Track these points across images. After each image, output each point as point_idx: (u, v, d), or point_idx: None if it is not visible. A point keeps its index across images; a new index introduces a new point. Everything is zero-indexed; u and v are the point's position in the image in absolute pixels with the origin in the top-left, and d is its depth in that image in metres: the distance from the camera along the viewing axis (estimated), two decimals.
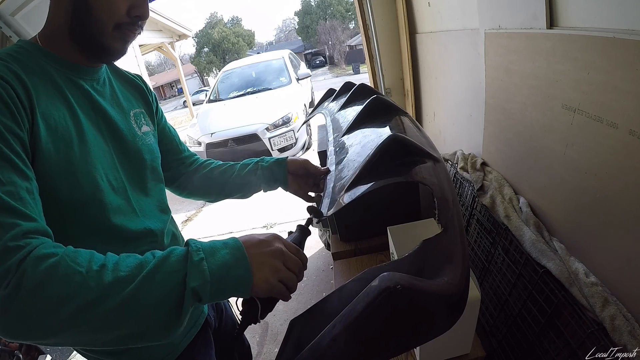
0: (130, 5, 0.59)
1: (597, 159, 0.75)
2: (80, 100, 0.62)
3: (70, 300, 0.39)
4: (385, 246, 1.16)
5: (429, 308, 0.43)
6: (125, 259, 0.45)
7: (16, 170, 0.46)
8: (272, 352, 1.86)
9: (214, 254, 0.47)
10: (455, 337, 0.76)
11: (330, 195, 0.71)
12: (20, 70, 0.53)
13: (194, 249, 0.47)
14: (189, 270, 0.44)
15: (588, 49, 0.72)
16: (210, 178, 0.88)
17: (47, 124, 0.53)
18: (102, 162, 0.61)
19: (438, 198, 0.55)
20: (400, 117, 0.84)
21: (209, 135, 4.60)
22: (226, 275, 0.46)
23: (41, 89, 0.55)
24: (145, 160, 0.70)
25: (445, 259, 0.47)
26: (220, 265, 0.47)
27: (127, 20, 0.60)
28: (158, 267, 0.44)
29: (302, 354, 0.44)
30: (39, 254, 0.40)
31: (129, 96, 0.74)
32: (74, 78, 0.62)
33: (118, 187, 0.63)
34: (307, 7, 32.43)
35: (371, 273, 0.56)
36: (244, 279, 0.48)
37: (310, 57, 29.89)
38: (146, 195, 0.70)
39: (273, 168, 0.85)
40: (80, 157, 0.57)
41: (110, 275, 0.41)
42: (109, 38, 0.60)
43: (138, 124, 0.72)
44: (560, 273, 0.81)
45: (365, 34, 2.11)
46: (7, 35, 1.47)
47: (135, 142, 0.69)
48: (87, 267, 0.41)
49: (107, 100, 0.67)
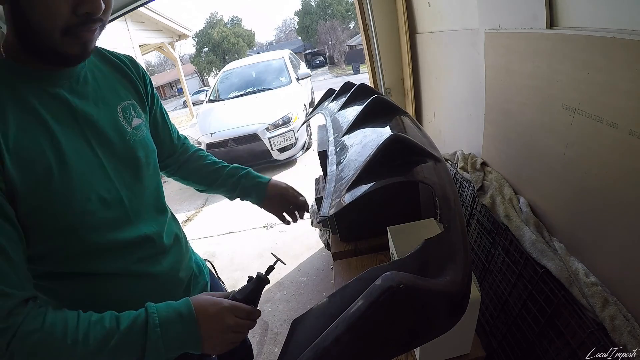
0: (75, 2, 0.50)
1: (597, 159, 0.75)
2: (58, 112, 0.56)
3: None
4: (385, 246, 1.16)
5: (431, 307, 0.43)
6: (94, 327, 0.51)
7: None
8: (272, 352, 1.86)
9: (169, 330, 0.54)
10: (455, 337, 0.76)
11: (331, 195, 0.71)
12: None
13: (151, 326, 0.53)
14: (147, 348, 0.52)
15: (588, 49, 0.72)
16: (201, 174, 0.93)
17: (19, 163, 0.49)
18: (91, 179, 0.58)
19: (439, 197, 0.55)
20: (400, 117, 0.84)
21: (209, 135, 4.60)
22: (178, 349, 0.56)
23: (10, 117, 0.50)
24: (139, 158, 0.67)
25: (447, 258, 0.47)
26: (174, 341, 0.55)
27: (77, 21, 0.51)
28: (121, 341, 0.51)
29: (305, 354, 0.44)
30: (24, 332, 0.46)
31: (117, 86, 0.68)
32: (47, 88, 0.56)
33: (112, 199, 0.61)
34: (307, 7, 32.43)
35: (374, 272, 0.56)
36: (194, 349, 0.57)
37: (310, 57, 29.89)
38: (142, 195, 0.68)
39: (252, 190, 0.94)
40: (62, 185, 0.53)
41: (80, 350, 0.49)
42: (61, 45, 0.52)
43: (127, 119, 0.67)
44: (560, 273, 0.81)
45: (365, 34, 2.11)
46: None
47: (126, 142, 0.65)
48: (61, 341, 0.48)
49: (89, 101, 0.61)
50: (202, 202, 4.08)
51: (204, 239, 3.25)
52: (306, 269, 2.48)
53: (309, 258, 2.59)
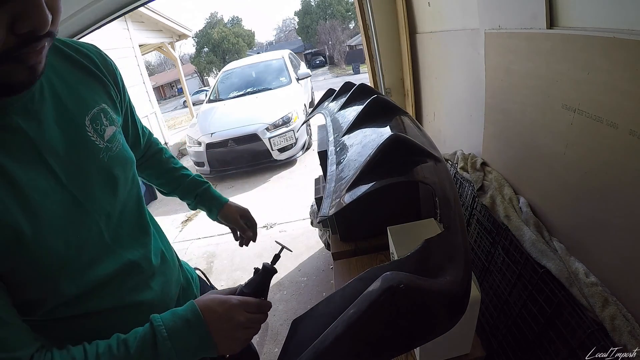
0: (12, 19, 0.38)
1: (597, 159, 0.75)
2: (13, 147, 0.46)
3: None
4: (385, 246, 1.16)
5: (431, 307, 0.43)
6: (102, 357, 0.48)
7: None
8: (272, 352, 1.86)
9: (179, 340, 0.52)
10: (455, 337, 0.76)
11: (331, 195, 0.71)
12: None
13: (160, 339, 0.51)
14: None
15: (588, 49, 0.72)
16: (168, 177, 0.95)
17: None
18: (65, 223, 0.50)
19: (439, 197, 0.55)
20: (400, 117, 0.84)
21: (209, 135, 4.60)
22: (193, 357, 0.53)
23: None
24: (116, 177, 0.59)
25: (447, 258, 0.47)
26: (187, 350, 0.52)
27: (14, 43, 0.39)
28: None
29: (305, 354, 0.44)
30: None
31: (82, 92, 0.57)
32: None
33: (91, 235, 0.55)
34: (307, 7, 32.42)
35: (374, 272, 0.56)
36: (210, 354, 0.54)
37: (310, 57, 29.88)
38: (122, 217, 0.61)
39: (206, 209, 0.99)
40: (36, 242, 0.46)
41: None
42: (3, 74, 0.41)
43: (99, 131, 0.57)
44: (560, 273, 0.81)
45: (365, 34, 2.11)
46: None
47: (99, 162, 0.57)
48: None
49: (50, 122, 0.51)
50: None
51: (203, 239, 3.25)
52: (306, 269, 2.48)
53: (309, 258, 2.59)
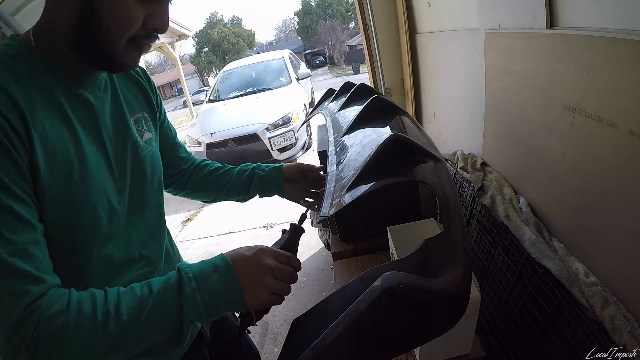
0: (148, 14, 0.50)
1: (597, 159, 0.75)
2: (82, 115, 0.55)
3: (84, 352, 0.43)
4: (385, 246, 1.16)
5: (431, 307, 0.43)
6: (124, 297, 0.46)
7: (21, 221, 0.44)
8: (272, 352, 1.86)
9: (205, 281, 0.49)
10: (455, 337, 0.76)
11: (331, 195, 0.71)
12: (13, 86, 0.46)
13: (185, 278, 0.48)
14: (184, 304, 0.47)
15: (588, 49, 0.72)
16: (208, 181, 0.88)
17: (45, 151, 0.48)
18: (105, 187, 0.56)
19: (439, 198, 0.55)
20: (400, 117, 0.84)
21: (209, 135, 4.61)
22: (220, 303, 0.49)
23: (38, 108, 0.48)
24: (146, 174, 0.65)
25: (448, 258, 0.47)
26: (213, 294, 0.49)
27: (143, 33, 0.52)
28: (156, 305, 0.46)
29: (305, 354, 0.44)
30: (49, 315, 0.42)
31: (131, 99, 0.67)
32: (74, 89, 0.54)
33: (120, 211, 0.59)
34: (307, 7, 32.44)
35: (374, 272, 0.56)
36: (236, 302, 0.50)
37: (310, 57, 29.89)
38: (144, 213, 0.65)
39: (269, 176, 0.86)
40: (80, 185, 0.51)
41: (114, 323, 0.44)
42: (121, 53, 0.52)
43: (140, 132, 0.65)
44: (560, 273, 0.81)
45: (365, 34, 2.11)
46: (7, 36, 1.47)
47: (137, 154, 0.63)
48: (92, 318, 0.44)
49: (109, 109, 0.60)
50: (202, 202, 4.08)
51: (203, 239, 3.25)
52: (306, 269, 2.48)
53: (309, 258, 2.59)
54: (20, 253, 0.43)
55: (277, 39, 50.91)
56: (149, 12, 0.50)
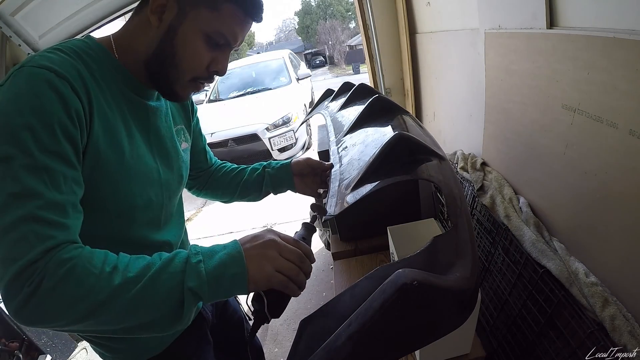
0: (213, 59, 0.58)
1: (597, 159, 0.75)
2: (137, 115, 0.61)
3: (84, 299, 0.43)
4: (385, 246, 1.16)
5: (443, 304, 0.43)
6: (135, 260, 0.48)
7: (66, 182, 0.47)
8: (272, 352, 1.86)
9: (211, 257, 0.50)
10: (455, 337, 0.76)
11: (336, 194, 0.71)
12: (86, 74, 0.52)
13: (193, 252, 0.50)
14: (187, 272, 0.47)
15: (588, 49, 0.72)
16: (225, 181, 0.92)
17: (105, 128, 0.53)
18: (147, 178, 0.61)
19: (446, 195, 0.55)
20: (402, 117, 0.84)
21: (209, 135, 4.60)
22: (222, 275, 0.48)
23: (102, 98, 0.54)
24: (182, 176, 0.73)
25: (455, 255, 0.47)
26: (217, 265, 0.49)
27: (205, 75, 0.60)
28: (162, 269, 0.47)
29: (317, 354, 0.44)
30: (60, 258, 0.43)
31: (174, 112, 0.75)
32: (134, 95, 0.61)
33: (157, 202, 0.64)
34: (307, 7, 32.43)
35: (383, 271, 0.56)
36: (239, 275, 0.49)
37: (310, 57, 29.86)
38: (174, 208, 0.72)
39: (279, 173, 0.89)
40: (128, 170, 0.57)
41: (120, 276, 0.45)
42: (182, 87, 0.60)
43: (180, 141, 0.73)
44: (560, 273, 0.81)
45: (365, 34, 2.11)
46: (7, 35, 1.46)
47: (177, 159, 0.70)
48: (100, 269, 0.45)
49: (160, 118, 0.67)
50: (202, 202, 4.07)
51: (204, 239, 3.25)
52: None
53: None
54: (56, 208, 0.45)
55: (277, 39, 50.89)
56: (214, 57, 0.58)
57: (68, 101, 0.47)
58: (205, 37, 0.56)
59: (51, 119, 0.46)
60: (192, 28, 0.55)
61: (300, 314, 2.07)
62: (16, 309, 0.42)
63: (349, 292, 0.58)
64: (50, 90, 0.46)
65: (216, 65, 0.59)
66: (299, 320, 0.61)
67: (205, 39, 0.56)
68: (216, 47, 0.58)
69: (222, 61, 0.60)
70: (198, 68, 0.58)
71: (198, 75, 0.59)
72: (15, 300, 0.42)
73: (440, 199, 1.33)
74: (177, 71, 0.58)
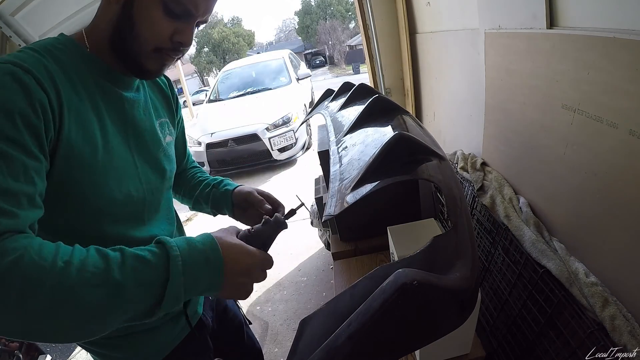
0: (175, 30, 0.57)
1: (597, 159, 0.75)
2: (112, 107, 0.61)
3: (30, 296, 0.37)
4: (385, 246, 1.16)
5: (443, 304, 0.43)
6: (93, 255, 0.43)
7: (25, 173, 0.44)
8: (272, 352, 1.86)
9: (193, 275, 0.47)
10: (455, 337, 0.76)
11: (336, 194, 0.71)
12: (55, 68, 0.52)
13: (175, 272, 0.45)
14: (166, 297, 0.44)
15: (588, 49, 0.72)
16: (191, 190, 0.89)
17: (77, 123, 0.53)
18: (125, 173, 0.60)
19: (446, 195, 0.55)
20: (402, 117, 0.84)
21: (208, 135, 4.60)
22: (199, 271, 0.48)
23: (73, 91, 0.54)
24: (165, 170, 0.71)
25: (455, 255, 0.47)
26: (195, 265, 0.47)
27: (169, 45, 0.58)
28: (131, 257, 0.44)
29: (316, 354, 0.44)
30: (4, 247, 0.38)
31: (157, 104, 0.74)
32: (109, 86, 0.61)
33: (138, 197, 0.63)
34: (307, 7, 32.43)
35: (383, 270, 0.56)
36: (214, 293, 0.51)
37: (310, 57, 29.87)
38: (159, 204, 0.70)
39: (220, 198, 0.85)
40: (102, 165, 0.56)
41: (75, 273, 0.40)
42: (146, 58, 0.59)
43: (163, 134, 0.72)
44: (560, 273, 0.81)
45: (365, 34, 2.11)
46: (7, 35, 1.46)
47: (159, 152, 0.69)
48: (51, 262, 0.39)
49: (139, 109, 0.66)
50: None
51: None
52: (306, 269, 2.48)
53: (309, 258, 2.59)
54: (7, 195, 0.42)
55: (277, 39, 50.88)
56: (176, 27, 0.57)
57: (32, 93, 0.46)
58: (163, 6, 0.55)
59: (12, 108, 0.44)
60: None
61: (300, 314, 2.07)
62: None
63: (349, 292, 0.58)
64: (13, 82, 0.46)
65: (179, 35, 0.58)
66: (299, 320, 0.61)
67: (163, 7, 0.55)
68: (177, 18, 0.56)
69: (186, 32, 0.58)
70: (158, 37, 0.57)
71: (160, 46, 0.58)
72: None
73: (440, 199, 1.33)
74: (139, 42, 0.57)
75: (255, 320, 2.09)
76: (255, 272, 0.54)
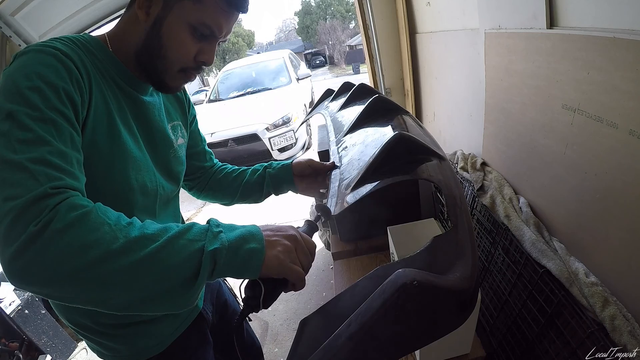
0: (199, 50, 0.60)
1: (597, 159, 0.75)
2: (130, 105, 0.63)
3: (94, 247, 0.40)
4: (385, 246, 1.16)
5: (443, 304, 0.43)
6: (150, 224, 0.46)
7: (74, 144, 0.48)
8: (272, 352, 1.86)
9: (232, 230, 0.50)
10: (455, 337, 0.76)
11: (336, 194, 0.71)
12: (86, 58, 0.55)
13: (214, 223, 0.50)
14: (208, 239, 0.46)
15: (588, 49, 0.72)
16: (225, 183, 0.91)
17: (102, 108, 0.56)
18: (141, 164, 0.62)
19: (446, 195, 0.55)
20: (402, 117, 0.84)
21: (209, 135, 4.59)
22: (241, 246, 0.48)
23: (101, 80, 0.57)
24: (173, 172, 0.73)
25: (455, 255, 0.47)
26: (237, 237, 0.48)
27: (193, 65, 0.61)
28: (181, 233, 0.46)
29: (316, 354, 0.44)
30: (74, 202, 0.42)
31: (170, 107, 0.76)
32: (127, 87, 0.63)
33: (152, 189, 0.65)
34: (307, 7, 32.43)
35: (384, 270, 0.56)
36: (257, 252, 0.48)
37: (310, 57, 29.84)
38: (168, 202, 0.73)
39: (280, 173, 0.88)
40: (122, 150, 0.58)
41: (137, 231, 0.43)
42: (171, 78, 0.62)
43: (175, 136, 0.74)
44: (560, 273, 0.81)
45: (365, 34, 2.11)
46: (7, 35, 1.47)
47: (169, 154, 0.71)
48: (115, 221, 0.43)
49: (154, 112, 0.68)
50: (202, 202, 4.08)
51: None
52: None
53: None
54: (65, 157, 0.46)
55: (277, 39, 50.89)
56: (200, 48, 0.60)
57: (72, 72, 0.50)
58: (190, 29, 0.58)
59: (57, 83, 0.48)
60: (177, 20, 0.57)
61: (300, 314, 2.07)
62: (13, 255, 0.37)
63: (349, 292, 0.58)
64: (56, 61, 0.50)
65: (203, 55, 0.61)
66: (299, 320, 0.61)
67: (190, 30, 0.58)
68: (202, 38, 0.59)
69: (208, 52, 0.61)
70: (185, 58, 0.60)
71: (186, 66, 0.61)
72: (14, 244, 0.38)
73: (440, 199, 1.33)
74: (165, 62, 0.60)
75: (255, 320, 2.09)
76: (298, 245, 0.52)
